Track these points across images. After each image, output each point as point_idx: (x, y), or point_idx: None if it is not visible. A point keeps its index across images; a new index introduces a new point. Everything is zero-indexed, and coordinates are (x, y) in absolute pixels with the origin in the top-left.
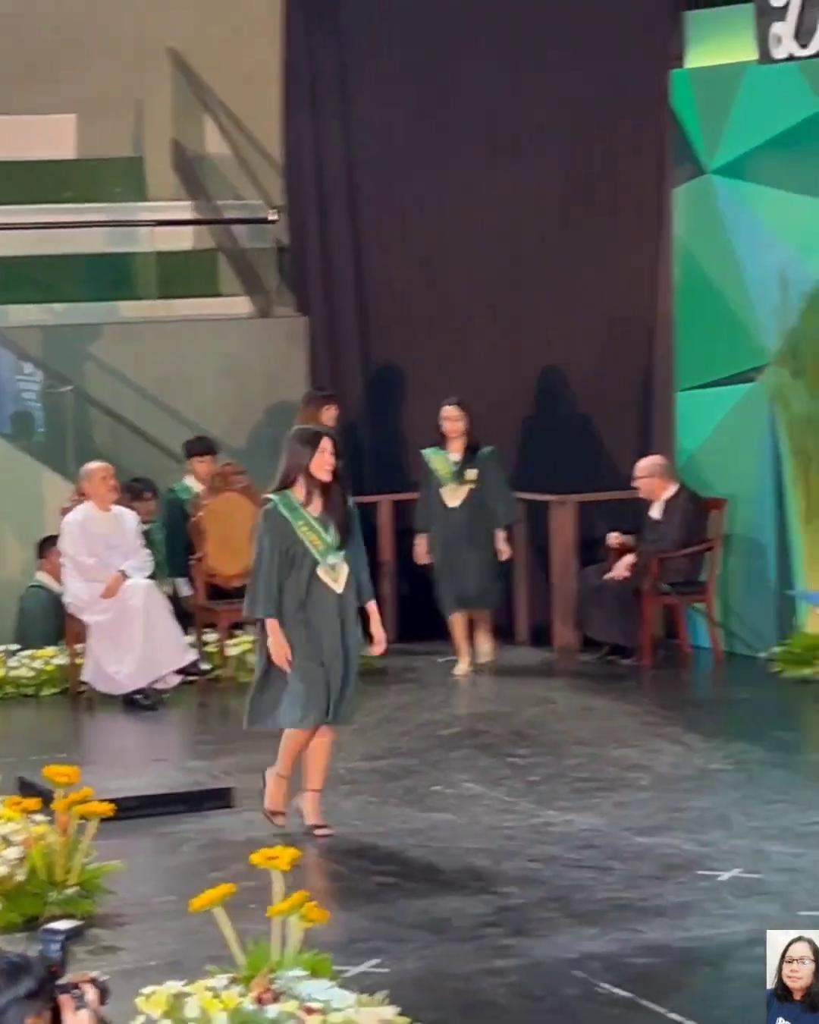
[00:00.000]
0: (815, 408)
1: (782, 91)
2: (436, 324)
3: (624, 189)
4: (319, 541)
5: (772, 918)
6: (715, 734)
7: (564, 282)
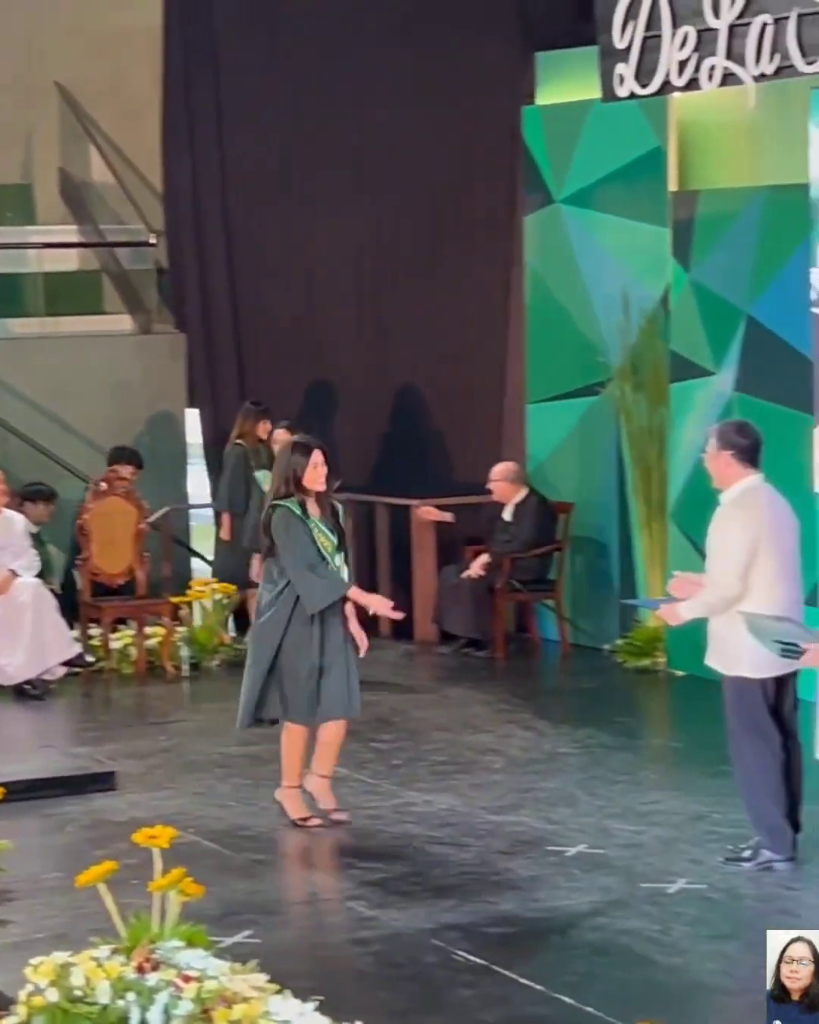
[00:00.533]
0: (655, 419)
1: (624, 127)
2: (305, 340)
3: (480, 216)
4: (327, 543)
5: (615, 890)
6: (563, 720)
7: (424, 302)
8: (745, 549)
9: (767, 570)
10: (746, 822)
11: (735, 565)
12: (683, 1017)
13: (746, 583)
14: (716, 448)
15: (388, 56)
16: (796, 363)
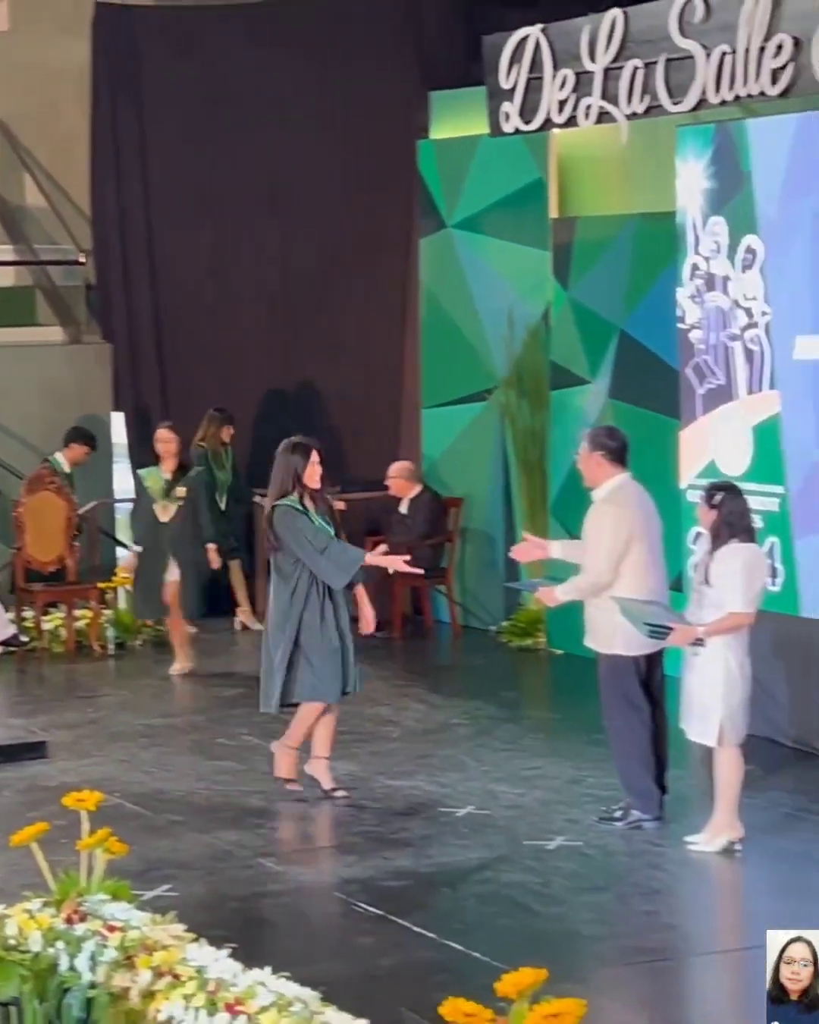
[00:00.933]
0: (537, 423)
1: (509, 160)
2: (220, 350)
3: (379, 239)
4: (326, 534)
5: (500, 847)
6: (453, 694)
7: (329, 317)
8: (618, 540)
9: (637, 559)
10: (618, 785)
11: (608, 554)
12: (561, 961)
13: (618, 571)
14: (588, 450)
15: (298, 93)
16: (664, 373)
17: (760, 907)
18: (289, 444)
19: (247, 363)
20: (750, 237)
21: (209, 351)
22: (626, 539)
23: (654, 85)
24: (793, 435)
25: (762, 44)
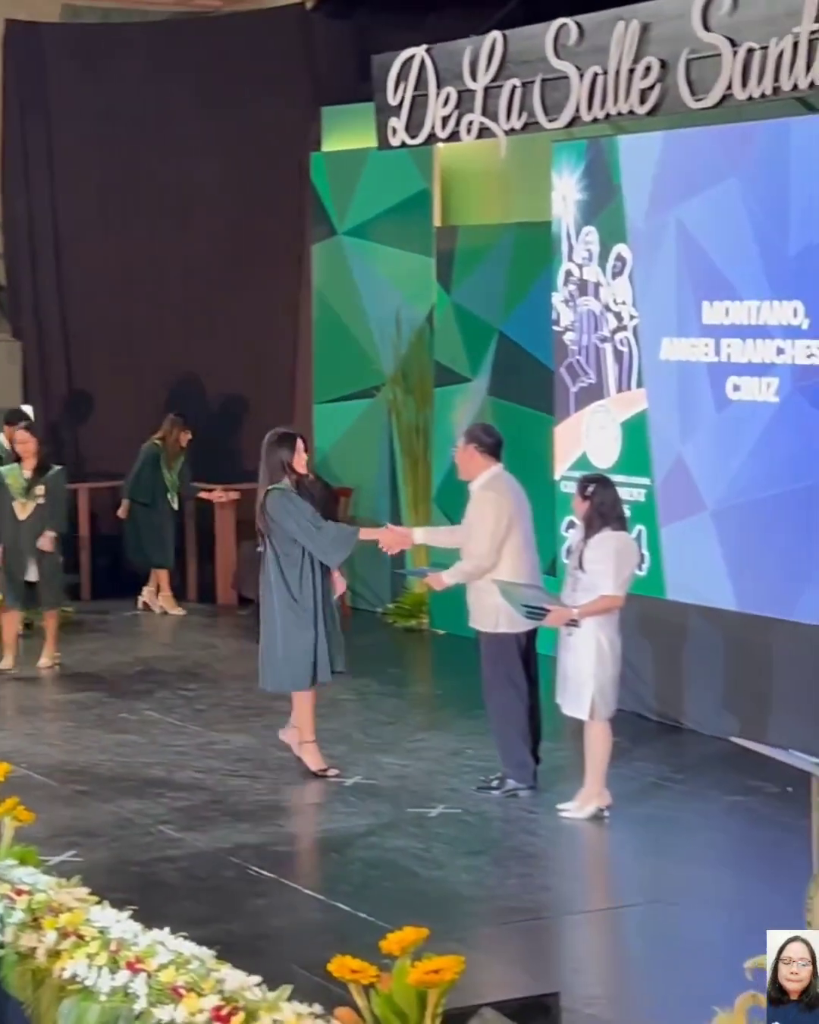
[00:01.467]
0: (421, 419)
1: (396, 172)
2: (123, 348)
3: (274, 245)
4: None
5: (385, 814)
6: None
7: (227, 318)
8: (499, 525)
9: (514, 544)
10: (496, 757)
11: (491, 538)
12: (442, 920)
13: (499, 555)
14: (464, 444)
15: (197, 108)
16: (540, 372)
17: (627, 869)
18: (275, 435)
19: (149, 361)
20: (620, 246)
21: (113, 349)
22: (506, 524)
23: (531, 103)
24: (659, 430)
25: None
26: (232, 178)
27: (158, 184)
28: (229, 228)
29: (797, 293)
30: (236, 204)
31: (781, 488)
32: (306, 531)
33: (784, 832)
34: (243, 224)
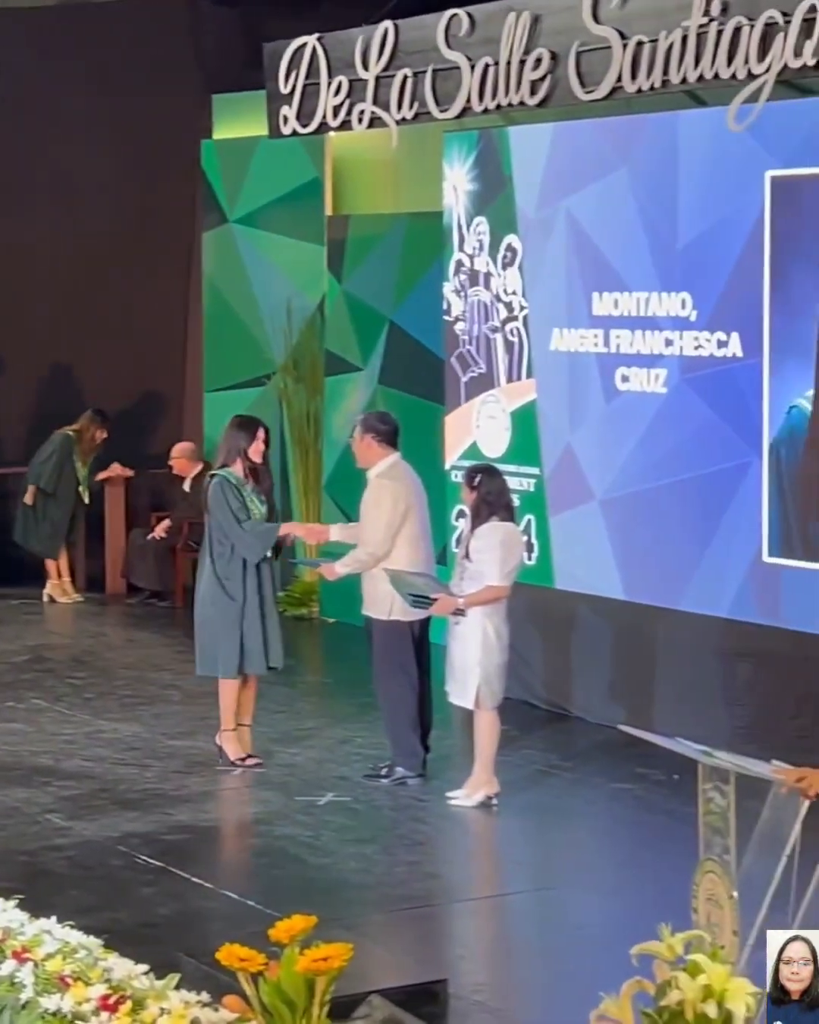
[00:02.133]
0: (312, 407)
1: (287, 160)
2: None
3: (165, 233)
4: (256, 511)
5: (274, 803)
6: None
7: (118, 305)
8: (395, 513)
9: (409, 533)
10: (385, 745)
11: (386, 527)
12: (331, 908)
13: (394, 543)
14: (361, 433)
15: (86, 95)
16: (430, 362)
17: (514, 856)
18: (237, 419)
19: (39, 348)
20: (510, 236)
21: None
22: (402, 512)
23: (422, 93)
24: (548, 420)
25: (522, 57)
26: (122, 166)
27: (48, 172)
28: (120, 216)
29: (685, 285)
30: (127, 192)
31: (669, 478)
32: (230, 525)
33: (671, 819)
34: (133, 212)
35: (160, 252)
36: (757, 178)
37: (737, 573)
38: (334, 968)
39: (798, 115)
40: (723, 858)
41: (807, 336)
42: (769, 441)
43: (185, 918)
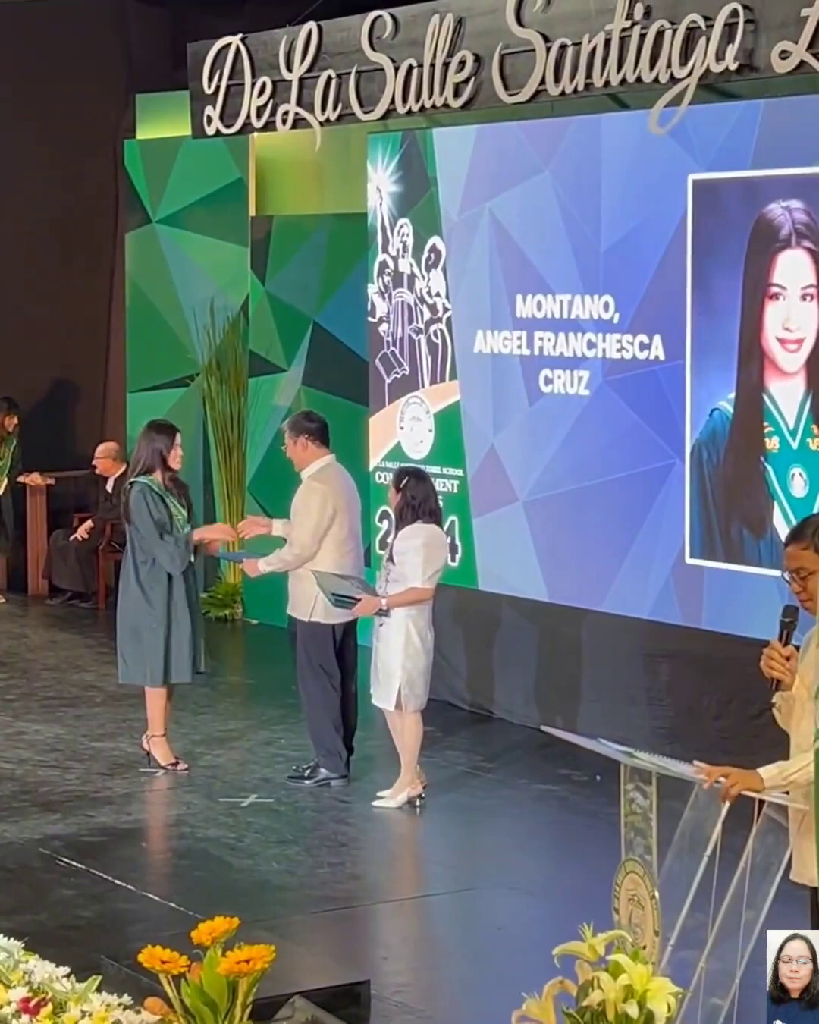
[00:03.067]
0: (235, 408)
1: (211, 160)
2: None
3: (88, 233)
4: (179, 515)
5: (197, 804)
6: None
7: (41, 304)
8: (324, 516)
9: (337, 536)
10: (308, 746)
11: (314, 529)
12: (253, 909)
13: (320, 545)
14: (293, 436)
15: (10, 93)
16: (354, 363)
17: (437, 857)
18: (153, 424)
19: None
20: (434, 238)
21: None
22: (331, 515)
23: (346, 94)
24: (472, 422)
25: (446, 59)
26: (44, 165)
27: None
28: (43, 215)
29: (608, 287)
30: (49, 191)
31: (591, 480)
32: (151, 538)
33: (593, 819)
34: (57, 211)
35: (83, 252)
36: (680, 181)
37: (659, 575)
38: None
39: (720, 118)
40: (645, 858)
41: (729, 339)
42: (691, 443)
43: (107, 920)
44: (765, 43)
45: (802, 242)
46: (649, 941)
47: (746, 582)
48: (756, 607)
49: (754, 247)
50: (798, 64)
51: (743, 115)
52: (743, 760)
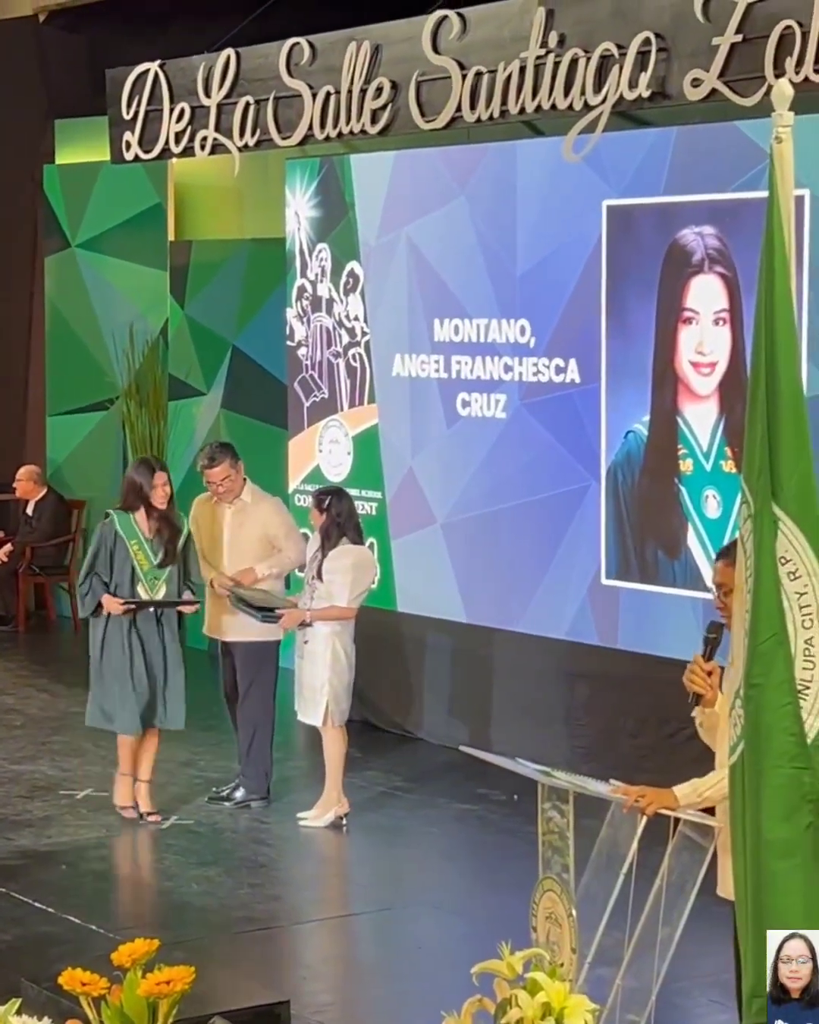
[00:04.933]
0: (155, 431)
1: (130, 185)
2: None
3: (6, 257)
4: (145, 562)
5: (117, 827)
6: (74, 684)
7: None
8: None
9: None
10: (227, 768)
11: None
12: (174, 931)
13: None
14: (233, 463)
15: None
16: (273, 386)
17: (358, 877)
18: (139, 460)
19: None
20: (352, 263)
21: None
22: None
23: (264, 120)
24: (390, 445)
25: (363, 86)
26: None
27: None
28: None
29: (524, 312)
30: None
31: (509, 502)
32: (85, 569)
33: (511, 838)
34: None
35: (2, 276)
36: (594, 207)
37: (576, 595)
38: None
39: (633, 145)
40: (562, 876)
41: (643, 362)
42: (607, 465)
43: (26, 943)
44: (677, 71)
45: (714, 267)
46: (567, 959)
47: (661, 602)
48: (671, 627)
49: (667, 272)
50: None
51: (656, 142)
52: (660, 778)
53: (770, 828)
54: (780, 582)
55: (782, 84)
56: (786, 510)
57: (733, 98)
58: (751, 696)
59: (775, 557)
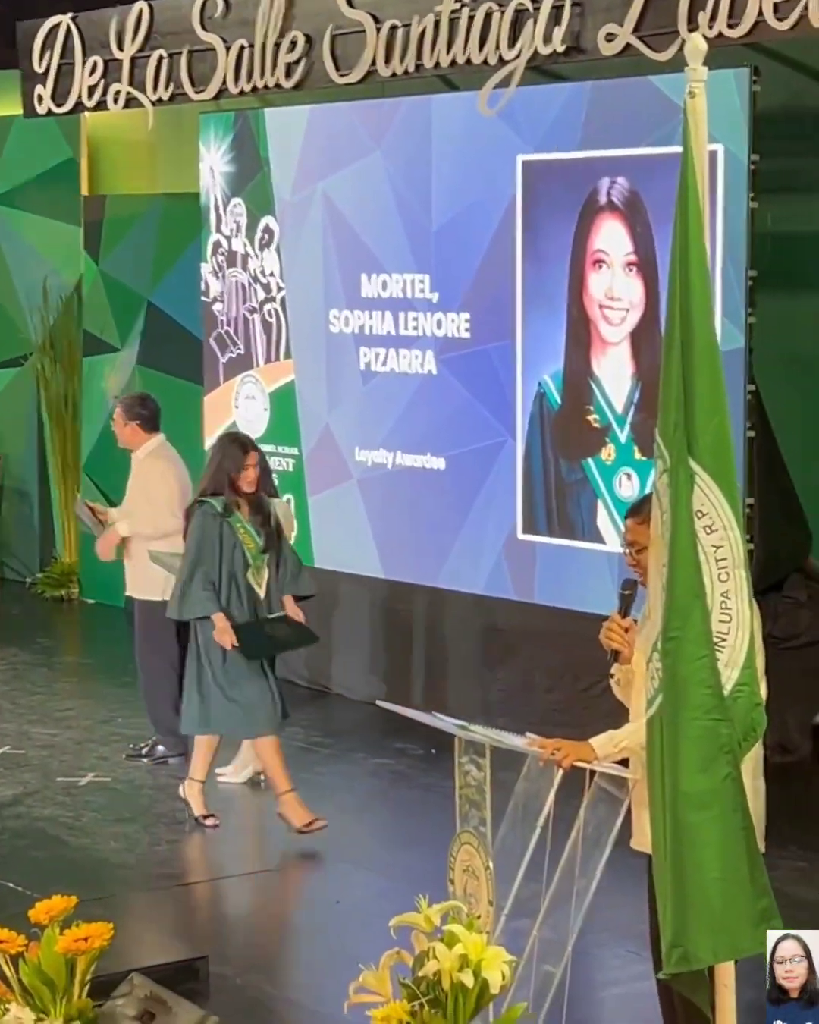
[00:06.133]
0: (70, 388)
1: (43, 140)
2: None
3: None
4: (251, 543)
5: (33, 784)
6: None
7: None
8: (173, 489)
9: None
10: (145, 725)
11: (168, 502)
12: (92, 888)
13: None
14: (124, 419)
15: None
16: (189, 342)
17: (275, 832)
18: (225, 438)
19: None
20: (268, 218)
21: None
22: (179, 489)
23: (178, 74)
24: (306, 401)
25: (277, 40)
26: None
27: None
28: None
29: (439, 267)
30: None
31: (425, 458)
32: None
33: (429, 793)
34: None
35: None
36: (509, 162)
37: (493, 550)
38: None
39: (548, 100)
40: (479, 830)
41: (557, 318)
42: (522, 421)
43: None
44: (591, 26)
45: (625, 210)
46: (484, 911)
47: (577, 557)
48: (587, 582)
49: (581, 225)
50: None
51: (571, 97)
52: (575, 732)
53: (688, 780)
54: (697, 536)
55: (695, 39)
56: (702, 464)
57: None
58: (669, 649)
59: (691, 511)
